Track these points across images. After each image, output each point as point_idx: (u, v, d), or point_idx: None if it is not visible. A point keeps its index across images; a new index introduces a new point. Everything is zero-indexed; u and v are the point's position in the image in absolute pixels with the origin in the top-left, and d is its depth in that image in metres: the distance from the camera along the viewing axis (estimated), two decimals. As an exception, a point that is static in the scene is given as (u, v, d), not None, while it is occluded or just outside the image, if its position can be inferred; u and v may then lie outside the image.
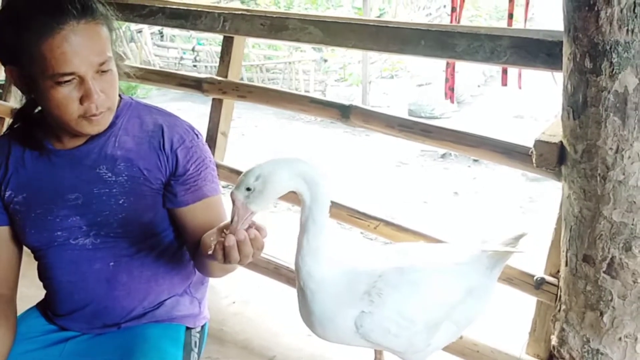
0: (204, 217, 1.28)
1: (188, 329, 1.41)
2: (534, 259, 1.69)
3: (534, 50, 1.55)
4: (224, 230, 1.07)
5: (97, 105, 1.16)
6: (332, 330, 1.25)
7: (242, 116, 6.76)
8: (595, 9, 1.18)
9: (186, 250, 1.36)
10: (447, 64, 2.40)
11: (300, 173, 1.12)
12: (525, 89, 3.28)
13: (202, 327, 1.47)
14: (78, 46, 1.11)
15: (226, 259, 1.04)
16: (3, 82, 3.17)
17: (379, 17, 10.26)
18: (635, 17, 1.14)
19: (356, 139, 6.44)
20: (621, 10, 1.15)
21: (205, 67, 8.81)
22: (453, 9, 2.59)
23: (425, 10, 10.67)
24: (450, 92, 2.72)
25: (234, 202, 1.08)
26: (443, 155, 6.05)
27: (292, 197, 2.02)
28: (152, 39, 9.65)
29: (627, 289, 1.33)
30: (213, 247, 1.06)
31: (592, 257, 1.36)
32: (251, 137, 6.44)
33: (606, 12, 1.17)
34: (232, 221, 1.07)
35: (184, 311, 1.40)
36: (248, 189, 1.07)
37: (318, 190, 1.14)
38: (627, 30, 1.16)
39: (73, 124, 1.18)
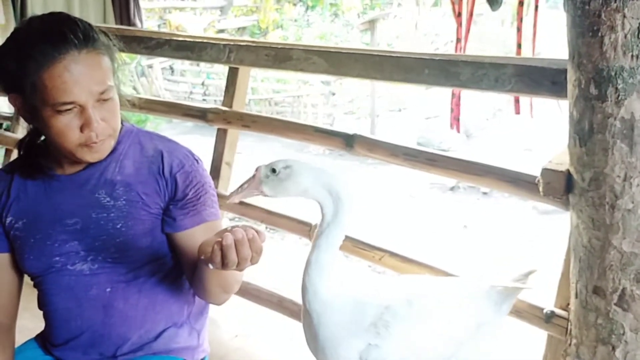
0: None
1: (186, 362, 1.37)
2: (544, 292, 1.64)
3: (539, 78, 1.54)
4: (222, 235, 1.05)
5: (97, 133, 1.17)
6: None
7: (252, 150, 6.78)
8: (599, 34, 1.16)
9: (185, 279, 1.33)
10: (452, 94, 2.40)
11: (327, 185, 1.12)
12: (535, 121, 3.26)
13: (202, 360, 1.43)
14: (79, 75, 1.12)
15: (224, 260, 1.01)
16: (11, 115, 3.20)
17: (387, 51, 10.36)
18: (640, 42, 1.12)
19: (365, 170, 6.43)
20: (625, 36, 1.13)
21: (215, 100, 8.91)
22: (458, 40, 2.61)
23: (433, 45, 10.77)
24: (455, 121, 2.72)
25: (254, 174, 1.10)
26: (452, 188, 6.02)
27: (302, 229, 2.02)
28: (162, 73, 9.80)
29: (639, 321, 1.28)
30: (211, 249, 1.02)
31: (603, 289, 1.31)
32: (260, 170, 6.44)
33: (610, 38, 1.15)
34: (240, 186, 1.09)
35: (182, 343, 1.36)
36: (273, 171, 1.08)
37: (341, 208, 1.13)
38: (632, 55, 1.14)
39: (74, 151, 1.19)
